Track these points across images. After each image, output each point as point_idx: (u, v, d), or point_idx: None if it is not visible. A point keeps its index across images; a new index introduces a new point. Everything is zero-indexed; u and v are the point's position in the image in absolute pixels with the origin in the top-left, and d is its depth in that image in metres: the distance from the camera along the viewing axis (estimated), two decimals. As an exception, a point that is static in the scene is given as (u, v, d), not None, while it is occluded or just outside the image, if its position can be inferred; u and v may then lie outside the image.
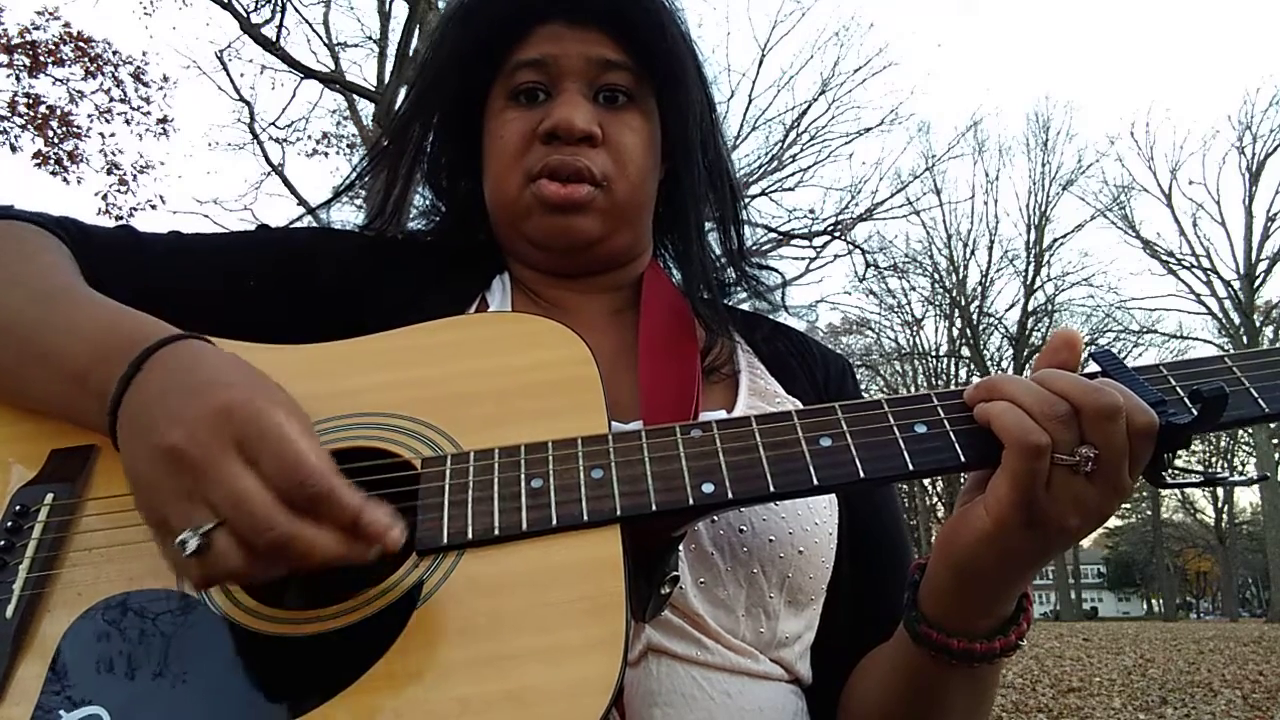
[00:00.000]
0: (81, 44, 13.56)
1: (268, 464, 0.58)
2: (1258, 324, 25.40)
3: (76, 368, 0.70)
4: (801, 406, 0.81)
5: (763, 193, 16.86)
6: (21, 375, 0.74)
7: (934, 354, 29.14)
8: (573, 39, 0.92)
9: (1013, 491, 0.64)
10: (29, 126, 13.46)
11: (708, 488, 0.67)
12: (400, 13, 13.19)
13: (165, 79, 17.23)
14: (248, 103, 14.85)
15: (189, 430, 0.59)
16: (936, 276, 27.98)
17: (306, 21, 14.49)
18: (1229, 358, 0.72)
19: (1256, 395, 0.70)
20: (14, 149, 13.62)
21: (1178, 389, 0.70)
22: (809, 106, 18.00)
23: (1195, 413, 0.65)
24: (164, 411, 0.61)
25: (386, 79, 13.06)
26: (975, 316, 28.15)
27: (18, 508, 0.70)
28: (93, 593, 0.66)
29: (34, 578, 0.66)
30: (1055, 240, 28.10)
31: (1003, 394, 0.66)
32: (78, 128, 13.80)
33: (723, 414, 0.85)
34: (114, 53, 13.95)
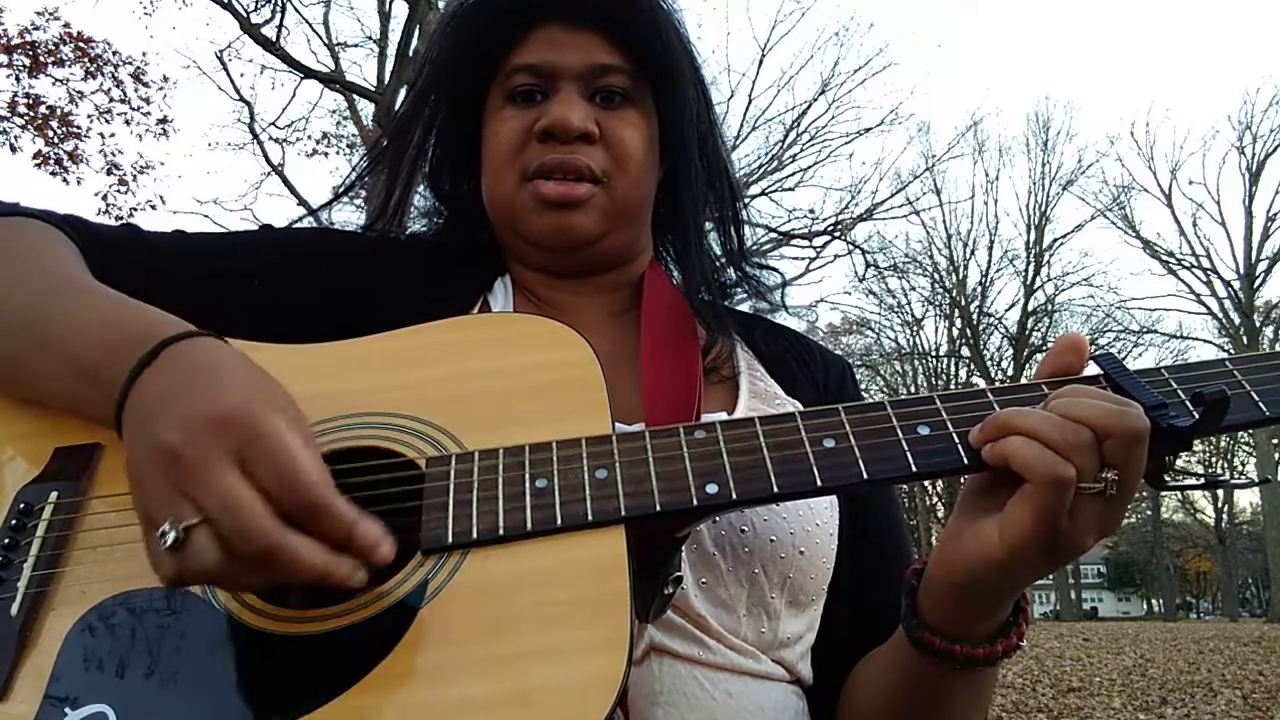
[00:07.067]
0: (81, 44, 13.54)
1: (265, 472, 0.58)
2: (1258, 324, 25.40)
3: (86, 361, 0.70)
4: (803, 408, 0.81)
5: (763, 193, 16.87)
6: (31, 368, 0.74)
7: (934, 354, 29.14)
8: (569, 43, 0.92)
9: (1037, 524, 0.63)
10: (29, 127, 13.45)
11: (712, 488, 0.67)
12: (400, 13, 13.21)
13: (165, 79, 17.22)
14: (248, 103, 14.87)
15: (186, 431, 0.58)
16: (936, 276, 28.03)
17: (306, 21, 14.52)
18: (1230, 361, 0.73)
19: (1257, 398, 0.70)
20: (14, 149, 13.63)
21: (1179, 392, 0.70)
22: (809, 106, 18.04)
23: (1197, 416, 0.65)
24: (165, 409, 0.61)
25: (386, 79, 13.06)
26: (975, 316, 28.15)
27: (22, 506, 0.70)
28: (97, 590, 0.66)
29: (38, 575, 0.67)
30: (1055, 240, 28.17)
31: (1018, 429, 0.65)
32: (78, 128, 13.80)
33: (724, 416, 0.86)
34: (114, 53, 13.96)
